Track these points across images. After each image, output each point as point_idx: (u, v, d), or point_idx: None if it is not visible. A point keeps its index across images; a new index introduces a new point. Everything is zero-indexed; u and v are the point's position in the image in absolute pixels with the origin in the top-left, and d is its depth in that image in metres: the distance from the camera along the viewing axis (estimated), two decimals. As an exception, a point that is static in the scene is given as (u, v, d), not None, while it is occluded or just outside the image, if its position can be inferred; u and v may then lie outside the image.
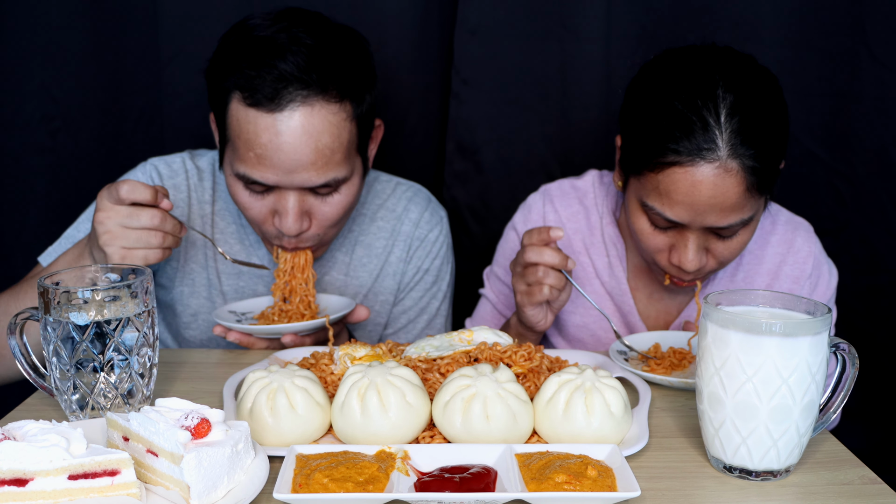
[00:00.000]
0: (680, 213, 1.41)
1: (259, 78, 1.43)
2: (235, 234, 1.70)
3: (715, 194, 1.37)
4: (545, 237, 1.44)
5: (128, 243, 1.35)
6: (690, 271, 1.47)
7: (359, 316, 1.55)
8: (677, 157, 1.37)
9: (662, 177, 1.40)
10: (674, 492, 1.03)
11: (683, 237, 1.45)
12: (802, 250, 1.65)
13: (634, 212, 1.50)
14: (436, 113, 2.10)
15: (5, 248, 2.08)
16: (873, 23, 1.91)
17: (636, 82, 1.52)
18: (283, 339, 1.46)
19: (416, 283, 1.79)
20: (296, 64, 1.43)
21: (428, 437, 1.12)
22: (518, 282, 1.50)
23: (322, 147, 1.46)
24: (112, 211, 1.35)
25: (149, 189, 1.36)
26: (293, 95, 1.43)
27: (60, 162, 2.04)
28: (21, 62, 1.97)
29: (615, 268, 1.68)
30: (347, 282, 1.74)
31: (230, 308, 1.59)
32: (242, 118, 1.45)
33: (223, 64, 1.49)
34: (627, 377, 1.32)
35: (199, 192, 1.71)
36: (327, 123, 1.46)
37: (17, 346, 1.17)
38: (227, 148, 1.52)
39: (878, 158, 1.98)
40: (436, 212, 1.82)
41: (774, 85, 1.44)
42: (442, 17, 2.01)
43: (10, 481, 0.91)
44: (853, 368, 1.07)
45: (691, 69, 1.43)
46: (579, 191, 1.73)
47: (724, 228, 1.42)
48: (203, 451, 0.93)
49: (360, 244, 1.75)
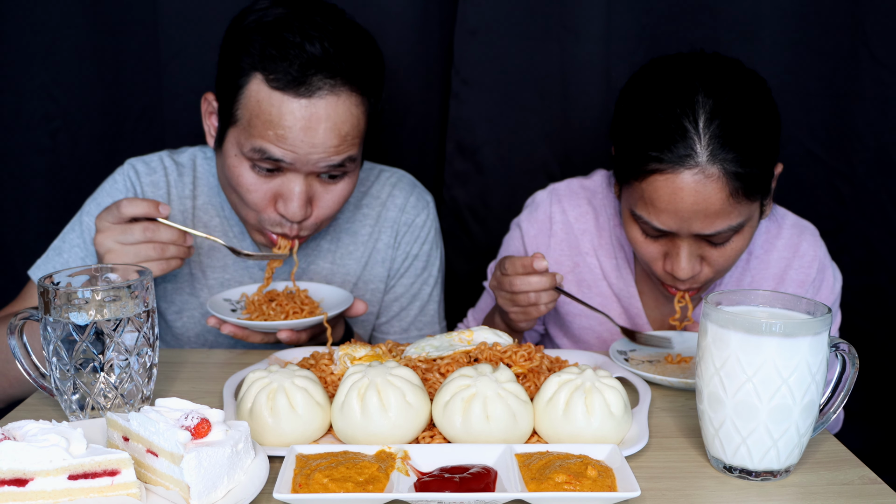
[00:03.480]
0: (666, 220, 1.41)
1: (285, 60, 1.43)
2: (219, 226, 1.70)
3: (697, 200, 1.37)
4: (529, 268, 1.44)
5: (128, 259, 1.38)
6: (683, 279, 1.46)
7: (357, 311, 1.54)
8: (658, 165, 1.38)
9: (646, 185, 1.41)
10: (674, 492, 1.03)
11: (675, 245, 1.45)
12: (808, 254, 1.64)
13: (627, 221, 1.51)
14: (436, 113, 2.10)
15: (5, 248, 2.08)
16: (873, 23, 1.91)
17: (624, 93, 1.53)
18: (280, 334, 1.45)
19: (407, 270, 1.78)
20: (323, 48, 1.44)
21: (428, 437, 1.12)
22: (507, 304, 1.50)
23: (343, 134, 1.48)
24: (109, 230, 1.38)
25: (144, 203, 1.39)
26: (321, 82, 1.44)
27: (60, 162, 2.04)
28: (21, 62, 1.97)
29: (623, 269, 1.67)
30: (334, 270, 1.74)
31: (225, 296, 1.57)
32: (265, 99, 1.44)
33: (240, 42, 1.48)
34: (627, 377, 1.32)
35: (180, 188, 1.70)
36: (349, 114, 1.48)
37: (17, 346, 1.17)
38: (236, 128, 1.49)
39: (878, 158, 1.98)
40: (421, 196, 1.81)
41: (761, 88, 1.44)
42: (442, 17, 2.01)
43: (10, 481, 0.92)
44: (853, 368, 1.07)
45: (673, 77, 1.43)
46: (588, 191, 1.72)
47: (712, 235, 1.41)
48: (203, 451, 0.93)
49: (345, 232, 1.74)
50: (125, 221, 1.39)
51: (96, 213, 1.64)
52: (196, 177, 1.71)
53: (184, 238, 1.43)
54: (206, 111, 1.60)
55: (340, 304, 1.52)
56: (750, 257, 1.65)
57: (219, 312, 1.47)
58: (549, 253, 1.70)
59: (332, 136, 1.46)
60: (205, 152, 1.74)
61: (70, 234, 1.65)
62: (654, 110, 1.41)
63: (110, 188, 1.68)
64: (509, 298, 1.48)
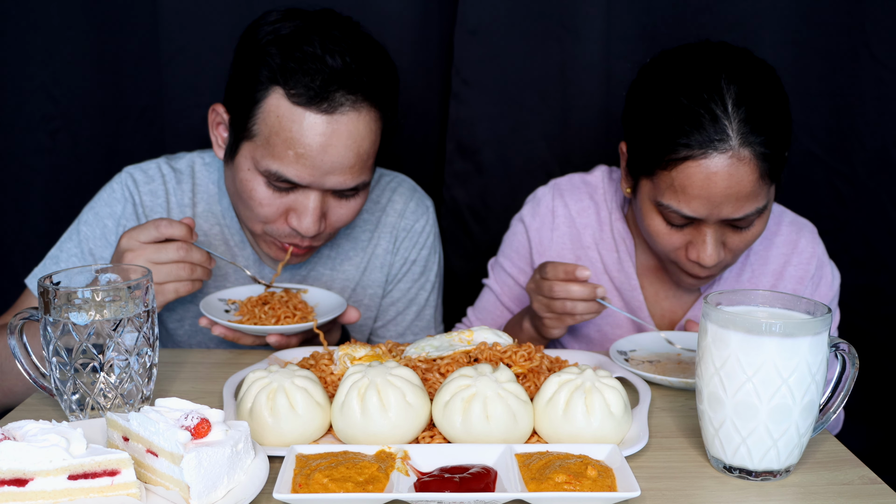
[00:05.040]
0: (697, 207, 1.41)
1: (306, 74, 1.41)
2: (220, 235, 1.68)
3: (730, 184, 1.38)
4: (571, 275, 1.43)
5: (159, 278, 1.38)
6: (709, 266, 1.47)
7: (349, 318, 1.53)
8: (689, 152, 1.38)
9: (676, 173, 1.40)
10: (674, 492, 1.03)
11: (700, 233, 1.46)
12: (806, 251, 1.65)
13: (648, 213, 1.50)
14: (436, 113, 2.10)
15: (5, 248, 2.08)
16: (873, 23, 1.91)
17: (637, 85, 1.52)
18: (268, 339, 1.44)
19: (404, 275, 1.78)
20: (344, 63, 1.42)
21: (428, 437, 1.12)
22: (542, 309, 1.49)
23: (362, 153, 1.47)
24: (141, 249, 1.38)
25: (183, 226, 1.40)
26: (343, 98, 1.42)
27: (60, 162, 2.04)
28: (21, 62, 1.97)
29: (625, 263, 1.68)
30: (334, 276, 1.74)
31: (220, 296, 1.57)
32: (286, 115, 1.42)
33: (256, 55, 1.45)
34: (627, 377, 1.32)
35: (178, 196, 1.68)
36: (368, 131, 1.47)
37: (16, 346, 1.17)
38: (252, 143, 1.47)
39: (878, 158, 1.98)
40: (421, 202, 1.80)
41: (774, 75, 1.46)
42: (442, 17, 2.01)
43: (10, 481, 0.91)
44: (853, 368, 1.07)
45: (691, 64, 1.44)
46: (589, 186, 1.73)
47: (740, 219, 1.43)
48: (203, 451, 0.93)
49: (344, 237, 1.74)
50: (160, 241, 1.39)
51: (94, 222, 1.63)
52: (195, 184, 1.69)
53: (209, 260, 1.44)
54: (213, 122, 1.57)
55: (333, 310, 1.52)
56: (749, 252, 1.66)
57: (213, 312, 1.48)
58: (552, 246, 1.71)
59: (351, 154, 1.45)
60: (203, 158, 1.72)
61: (67, 243, 1.63)
62: (678, 97, 1.41)
63: (108, 197, 1.66)
64: (546, 304, 1.47)
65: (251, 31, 1.50)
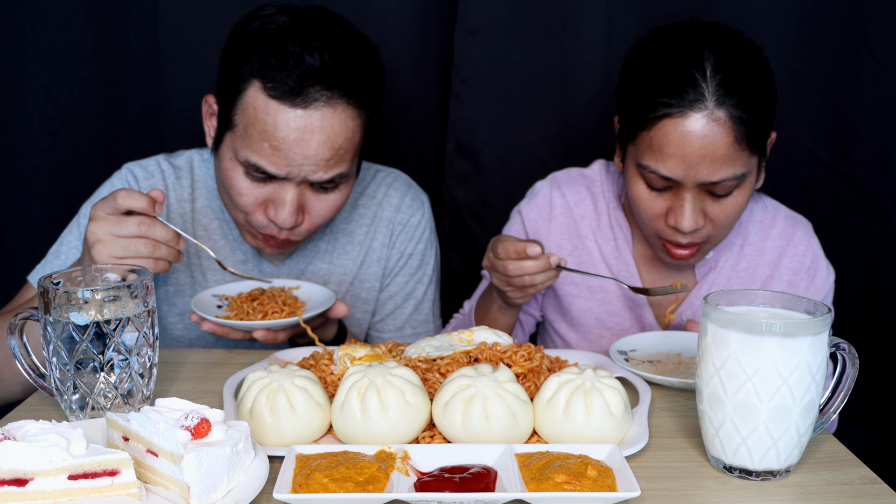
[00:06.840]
0: (673, 167, 1.45)
1: (283, 70, 1.43)
2: (219, 230, 1.70)
3: (705, 144, 1.42)
4: (522, 254, 1.45)
5: (117, 252, 1.32)
6: (687, 231, 1.49)
7: (338, 312, 1.52)
8: (667, 110, 1.43)
9: (654, 132, 1.45)
10: (674, 492, 1.03)
11: (679, 197, 1.49)
12: (802, 243, 1.68)
13: (632, 179, 1.54)
14: (436, 113, 2.10)
15: (5, 248, 2.08)
16: (873, 23, 1.91)
17: (628, 59, 1.58)
18: (255, 333, 1.44)
19: (401, 269, 1.79)
20: (322, 60, 1.44)
21: (428, 437, 1.12)
22: (502, 284, 1.52)
23: (337, 147, 1.48)
24: (102, 220, 1.32)
25: (142, 196, 1.33)
26: (318, 94, 1.45)
27: (60, 162, 2.04)
28: (21, 62, 1.97)
29: (622, 250, 1.70)
30: (331, 270, 1.75)
31: (213, 292, 1.58)
32: (262, 108, 1.45)
33: (241, 48, 1.49)
34: (627, 377, 1.32)
35: (178, 191, 1.70)
36: (344, 126, 1.48)
37: (17, 346, 1.17)
38: (233, 133, 1.50)
39: (878, 158, 1.98)
40: (417, 196, 1.82)
41: (759, 52, 1.51)
42: (442, 17, 2.01)
43: (10, 481, 0.92)
44: (853, 368, 1.07)
45: (679, 37, 1.51)
46: (587, 178, 1.76)
47: (717, 184, 1.45)
48: (203, 451, 0.93)
49: (341, 232, 1.76)
50: (121, 213, 1.33)
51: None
52: (194, 180, 1.71)
53: (177, 241, 1.38)
54: (206, 113, 1.61)
55: (322, 304, 1.52)
56: (744, 243, 1.68)
57: (206, 308, 1.48)
58: (550, 237, 1.73)
59: (325, 148, 1.47)
60: (201, 155, 1.74)
61: (68, 236, 1.65)
62: (663, 63, 1.47)
63: (108, 192, 1.67)
64: (504, 280, 1.50)
65: (243, 23, 1.53)
